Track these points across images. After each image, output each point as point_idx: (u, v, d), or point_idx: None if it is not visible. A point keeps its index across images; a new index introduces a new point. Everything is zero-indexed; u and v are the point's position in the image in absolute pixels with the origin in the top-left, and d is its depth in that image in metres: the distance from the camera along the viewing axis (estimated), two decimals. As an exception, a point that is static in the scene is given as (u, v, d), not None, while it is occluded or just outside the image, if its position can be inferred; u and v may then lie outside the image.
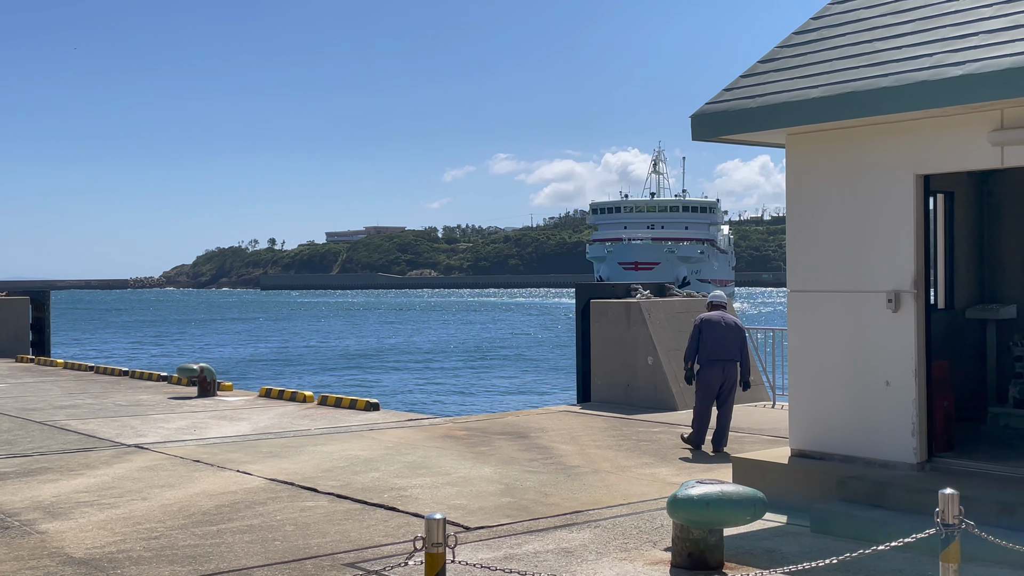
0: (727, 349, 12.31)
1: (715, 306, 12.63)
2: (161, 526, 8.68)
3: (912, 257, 8.63)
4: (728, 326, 12.32)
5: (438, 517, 4.52)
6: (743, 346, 12.40)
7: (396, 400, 30.08)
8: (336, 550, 7.89)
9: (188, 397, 18.32)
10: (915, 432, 8.58)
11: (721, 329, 12.28)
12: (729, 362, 12.31)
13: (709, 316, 12.39)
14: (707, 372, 12.31)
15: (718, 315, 12.40)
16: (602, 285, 20.01)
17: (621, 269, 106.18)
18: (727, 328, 12.31)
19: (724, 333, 12.29)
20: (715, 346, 12.27)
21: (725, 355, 12.30)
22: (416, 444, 12.89)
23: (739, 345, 12.36)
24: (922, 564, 7.18)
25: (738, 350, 12.36)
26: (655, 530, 8.37)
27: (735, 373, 12.38)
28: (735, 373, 12.38)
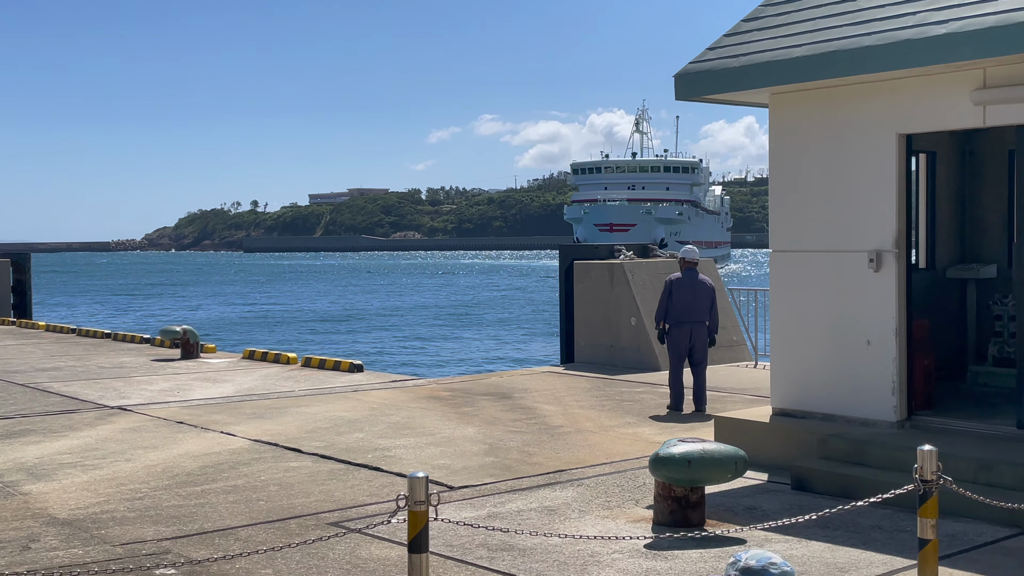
0: (696, 310, 12.26)
1: (687, 262, 12.53)
2: (145, 487, 8.69)
3: (894, 217, 8.65)
4: (698, 286, 12.25)
5: (421, 475, 4.53)
6: (713, 307, 12.37)
7: (380, 362, 30.11)
8: (320, 510, 7.92)
9: (171, 359, 18.28)
10: (895, 390, 8.65)
11: (690, 290, 12.22)
12: (698, 323, 12.29)
13: (679, 276, 12.33)
14: (676, 333, 12.30)
15: (688, 275, 12.30)
16: (585, 246, 20.00)
17: (597, 231, 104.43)
18: (697, 288, 12.23)
19: (693, 294, 12.22)
20: (684, 307, 12.22)
21: (694, 316, 12.26)
22: (400, 405, 12.91)
23: (709, 306, 12.33)
24: (901, 520, 7.27)
25: (707, 311, 12.32)
26: (637, 488, 8.43)
27: (704, 334, 12.35)
28: (704, 334, 12.35)
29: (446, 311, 54.59)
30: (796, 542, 6.90)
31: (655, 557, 6.62)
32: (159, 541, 7.09)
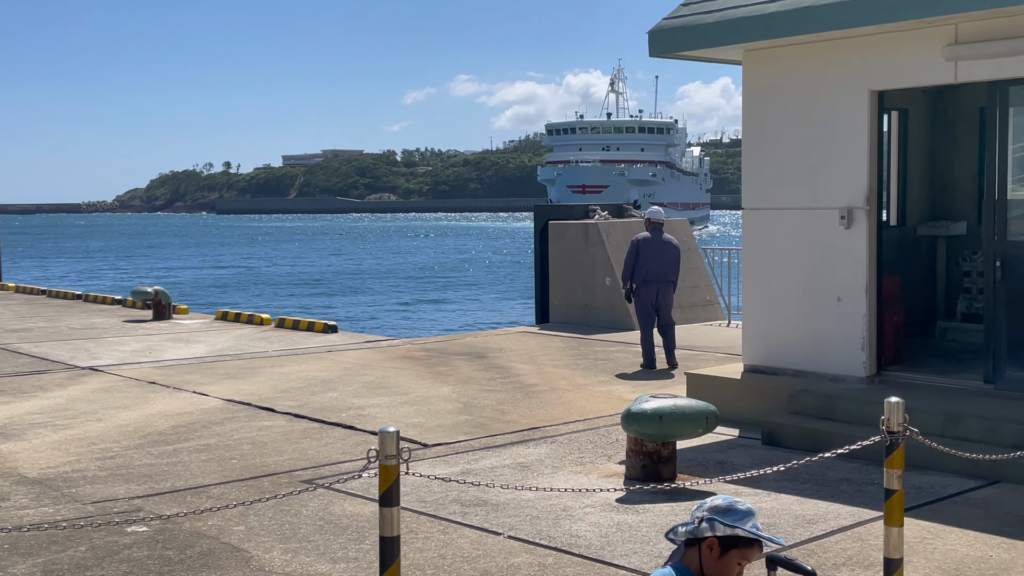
0: (663, 270, 12.29)
1: (653, 223, 12.53)
2: (116, 446, 8.65)
3: (865, 174, 8.68)
4: (665, 246, 12.27)
5: (392, 430, 4.52)
6: (678, 266, 12.38)
7: (355, 323, 30.05)
8: (293, 467, 7.93)
9: (143, 320, 18.16)
10: (865, 347, 8.72)
11: (657, 250, 12.24)
12: (665, 283, 12.33)
13: (646, 236, 12.35)
14: (642, 292, 12.35)
15: (655, 235, 12.33)
16: (560, 207, 19.96)
17: (570, 192, 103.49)
18: (664, 248, 12.26)
19: (661, 253, 12.25)
20: (651, 266, 12.25)
21: (661, 276, 12.30)
22: (374, 365, 12.90)
23: (675, 265, 12.34)
24: (870, 473, 7.36)
25: (674, 270, 12.35)
26: (610, 444, 8.48)
27: (671, 293, 12.40)
28: (671, 293, 12.40)
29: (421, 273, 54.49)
30: (766, 495, 6.97)
31: (626, 511, 6.68)
32: (131, 499, 7.07)
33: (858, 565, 5.60)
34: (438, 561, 5.78)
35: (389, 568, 4.48)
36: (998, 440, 7.29)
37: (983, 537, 6.02)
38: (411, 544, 6.01)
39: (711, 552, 3.02)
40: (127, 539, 6.21)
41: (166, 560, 5.85)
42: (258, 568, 5.71)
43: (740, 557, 3.02)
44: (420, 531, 6.31)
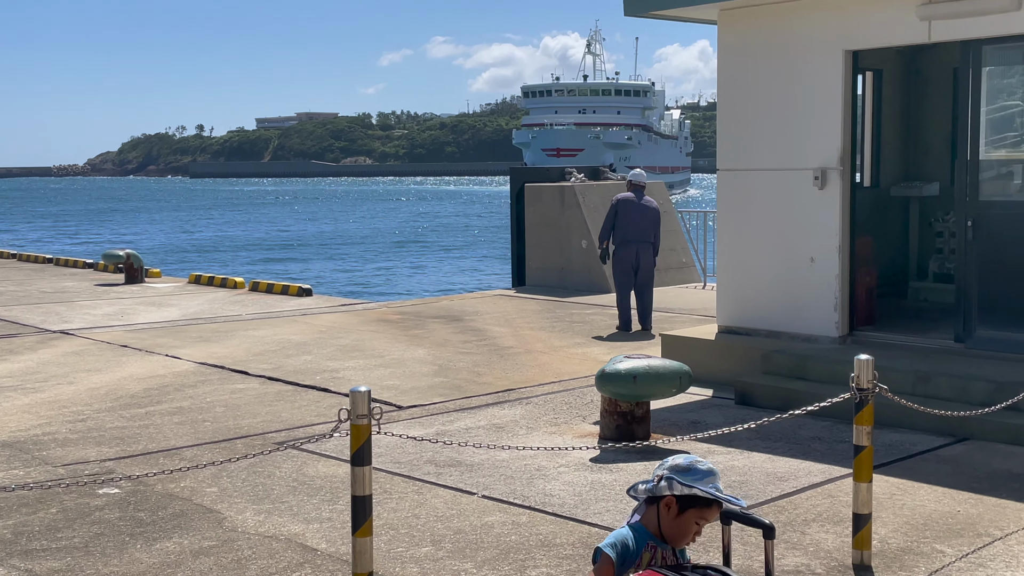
0: (642, 231, 12.30)
1: (634, 185, 12.53)
2: (88, 409, 8.60)
3: (839, 134, 8.68)
4: (644, 207, 12.26)
5: (363, 389, 4.50)
6: (658, 228, 12.40)
7: (330, 286, 29.95)
8: (267, 429, 7.91)
9: (115, 284, 18.02)
10: (838, 307, 8.77)
11: (636, 210, 12.24)
12: (643, 243, 12.34)
13: (625, 197, 12.35)
14: (621, 253, 12.35)
15: (634, 196, 12.33)
16: (536, 169, 19.88)
17: (544, 155, 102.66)
18: (642, 209, 12.25)
19: (639, 214, 12.25)
20: (629, 227, 12.26)
21: (639, 237, 12.31)
22: (349, 328, 12.87)
23: (654, 227, 12.35)
24: (840, 431, 7.42)
25: (652, 232, 12.36)
26: (585, 405, 8.51)
27: (650, 254, 12.41)
28: (650, 254, 12.41)
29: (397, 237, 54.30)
30: (738, 453, 7.02)
31: (600, 470, 6.71)
32: (102, 461, 7.04)
33: (828, 521, 5.65)
34: (412, 521, 5.79)
35: (361, 527, 4.49)
36: (968, 398, 7.36)
37: (951, 493, 6.09)
38: (385, 504, 6.02)
39: (669, 511, 2.99)
40: (98, 501, 6.19)
41: (138, 521, 5.83)
42: (231, 529, 5.70)
43: (698, 516, 2.99)
44: (394, 491, 6.31)
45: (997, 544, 5.28)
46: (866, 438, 4.88)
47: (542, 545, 5.39)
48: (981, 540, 5.34)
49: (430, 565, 5.15)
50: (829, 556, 5.15)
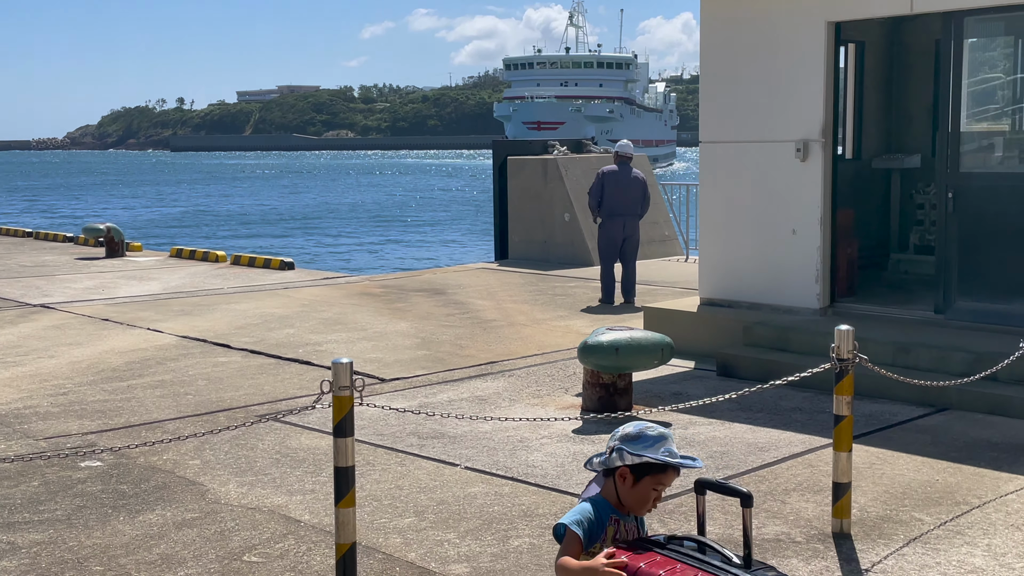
0: (628, 203, 12.28)
1: (620, 156, 12.49)
2: (69, 382, 8.56)
3: (821, 106, 8.68)
4: (630, 180, 12.23)
5: (345, 361, 4.50)
6: (645, 201, 12.38)
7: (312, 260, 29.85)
8: (250, 402, 7.90)
9: (96, 258, 17.91)
10: (819, 278, 8.80)
11: (623, 183, 12.20)
12: (630, 216, 12.33)
13: (611, 169, 12.33)
14: (608, 225, 12.34)
15: (622, 168, 12.30)
16: (519, 142, 19.83)
17: (525, 129, 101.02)
18: (629, 182, 12.22)
19: (626, 187, 12.21)
20: (616, 200, 12.24)
21: (627, 209, 12.30)
22: (332, 301, 12.84)
23: (641, 200, 12.33)
24: (821, 402, 7.47)
25: (639, 204, 12.33)
26: (567, 377, 8.53)
27: (636, 227, 12.41)
28: (636, 227, 12.41)
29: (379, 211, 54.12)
30: (720, 424, 7.07)
31: (582, 441, 6.74)
32: (84, 435, 7.02)
33: (808, 490, 5.70)
34: (395, 492, 5.81)
35: (344, 498, 4.49)
36: (947, 369, 7.42)
37: (930, 462, 6.15)
38: (368, 476, 6.03)
39: (624, 482, 2.95)
40: (81, 474, 6.18)
41: (120, 494, 5.83)
42: (214, 501, 5.71)
43: (654, 483, 2.94)
44: (377, 463, 6.33)
45: (975, 512, 5.35)
46: (846, 408, 4.91)
47: (524, 515, 5.42)
48: (959, 508, 5.40)
49: (413, 535, 5.17)
50: (809, 524, 5.20)
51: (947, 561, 4.74)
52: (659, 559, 2.71)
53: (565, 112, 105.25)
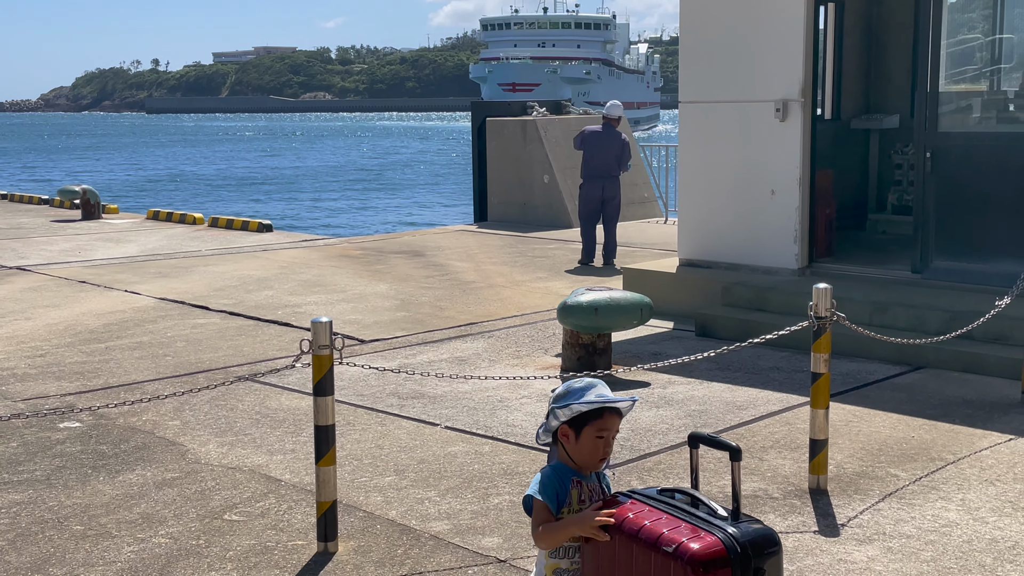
0: (606, 165, 12.24)
1: (605, 118, 12.43)
2: (47, 344, 8.51)
3: (801, 66, 8.66)
4: (608, 141, 12.18)
5: (324, 320, 4.49)
6: (620, 162, 12.29)
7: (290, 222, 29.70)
8: (229, 364, 7.88)
9: (72, 220, 17.75)
10: (797, 239, 8.84)
11: (599, 144, 12.15)
12: (609, 179, 12.30)
13: (592, 130, 12.29)
14: (587, 187, 12.33)
15: (604, 130, 12.25)
16: (498, 103, 19.71)
17: (501, 90, 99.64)
18: (607, 143, 12.16)
19: (603, 149, 12.16)
20: (594, 162, 12.21)
21: (605, 171, 12.26)
22: (310, 263, 12.80)
23: (619, 161, 12.25)
24: (799, 362, 7.53)
25: (617, 165, 12.27)
26: (547, 338, 8.55)
27: (616, 188, 12.37)
28: (616, 188, 12.37)
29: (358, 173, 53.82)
30: (698, 383, 7.11)
31: (562, 401, 6.76)
32: (63, 396, 6.99)
33: (785, 447, 5.76)
34: (375, 451, 5.82)
35: (325, 456, 4.51)
36: (923, 328, 7.49)
37: (906, 419, 6.21)
38: (348, 436, 6.04)
39: (569, 440, 2.88)
40: (60, 435, 6.16)
41: (100, 454, 5.81)
42: (194, 461, 5.71)
43: (595, 431, 2.85)
44: (357, 423, 6.34)
45: (949, 468, 5.41)
46: (823, 365, 4.95)
47: (504, 473, 5.45)
48: (934, 464, 5.47)
49: (394, 494, 5.19)
50: (786, 481, 5.26)
51: (922, 515, 4.81)
52: (647, 509, 2.71)
53: (541, 73, 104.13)
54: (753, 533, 2.62)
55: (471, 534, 4.69)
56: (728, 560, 2.55)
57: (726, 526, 2.61)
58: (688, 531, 2.61)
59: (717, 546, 2.56)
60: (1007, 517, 4.78)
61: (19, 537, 4.71)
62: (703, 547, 2.55)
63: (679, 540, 2.58)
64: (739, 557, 2.55)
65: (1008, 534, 4.60)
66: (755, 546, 2.59)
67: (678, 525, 2.64)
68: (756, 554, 2.58)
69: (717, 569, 2.54)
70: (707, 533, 2.59)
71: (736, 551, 2.55)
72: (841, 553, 4.43)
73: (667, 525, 2.64)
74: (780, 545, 2.66)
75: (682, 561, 2.55)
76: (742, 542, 2.57)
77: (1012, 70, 8.93)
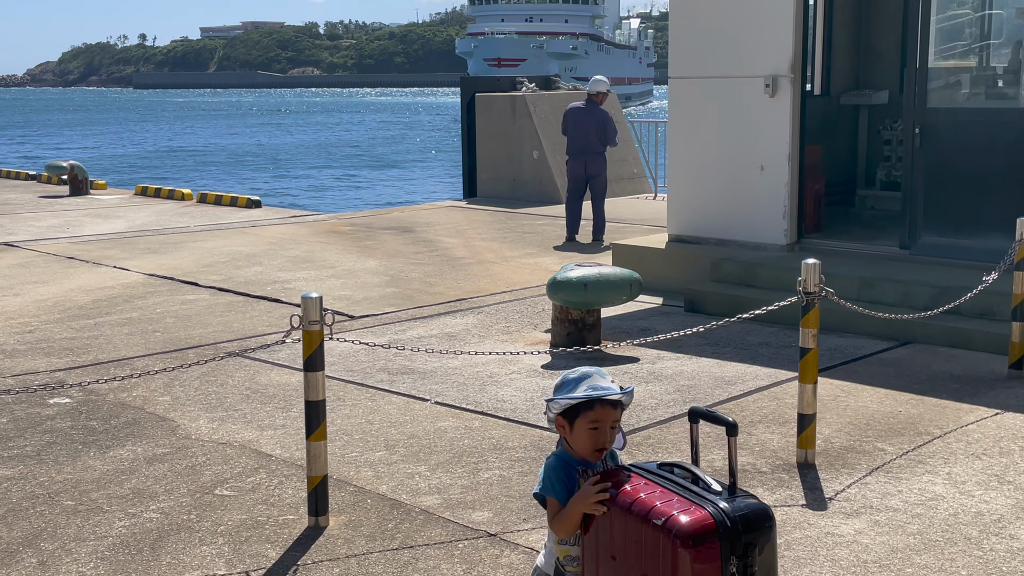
0: (589, 141, 12.16)
1: (588, 94, 12.31)
2: (36, 320, 8.49)
3: (791, 41, 8.65)
4: (590, 116, 12.07)
5: (314, 296, 4.49)
6: (607, 138, 12.18)
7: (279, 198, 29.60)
8: (219, 339, 7.88)
9: (59, 196, 17.67)
10: (786, 215, 8.85)
11: (580, 120, 12.07)
12: (591, 155, 12.22)
13: (575, 106, 12.22)
14: (572, 164, 12.29)
15: (586, 106, 12.17)
16: (488, 79, 19.63)
17: (486, 66, 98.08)
18: (589, 119, 12.06)
19: (584, 125, 12.08)
20: (576, 138, 12.15)
21: (586, 148, 12.18)
22: (300, 239, 12.77)
23: (601, 136, 12.13)
24: (787, 336, 7.56)
25: (600, 141, 12.15)
26: (536, 314, 8.57)
27: (599, 165, 12.28)
28: (599, 165, 12.28)
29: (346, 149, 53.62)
30: (687, 359, 7.14)
31: (551, 376, 6.79)
32: (52, 372, 6.99)
33: (773, 422, 5.80)
34: (365, 427, 5.84)
35: (315, 431, 4.52)
36: (911, 303, 7.53)
37: (893, 394, 6.26)
38: (338, 411, 6.06)
39: (565, 431, 2.85)
40: (50, 410, 6.16)
41: (90, 430, 5.82)
42: (184, 436, 5.72)
43: (588, 423, 2.80)
44: (347, 399, 6.35)
45: (936, 442, 5.46)
46: (812, 340, 4.98)
47: (494, 448, 5.48)
48: (921, 438, 5.51)
49: (384, 468, 5.21)
50: (774, 455, 5.29)
51: (909, 489, 4.85)
52: (643, 483, 2.69)
53: (526, 48, 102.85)
54: (745, 508, 2.58)
55: (461, 508, 4.72)
56: (717, 533, 2.52)
57: (718, 500, 2.58)
58: (679, 504, 2.59)
59: (707, 520, 2.53)
60: (993, 490, 4.83)
61: (10, 512, 4.72)
62: (691, 520, 2.53)
63: (669, 513, 2.56)
64: (728, 531, 2.52)
65: (994, 507, 4.65)
66: (747, 521, 2.56)
67: (671, 499, 2.62)
68: (747, 529, 2.55)
69: (705, 543, 2.51)
70: (698, 507, 2.56)
71: (726, 525, 2.53)
72: (828, 526, 4.48)
73: (660, 498, 2.62)
74: (774, 520, 2.62)
75: (670, 534, 2.52)
76: (732, 516, 2.54)
77: (1001, 46, 8.93)
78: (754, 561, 2.56)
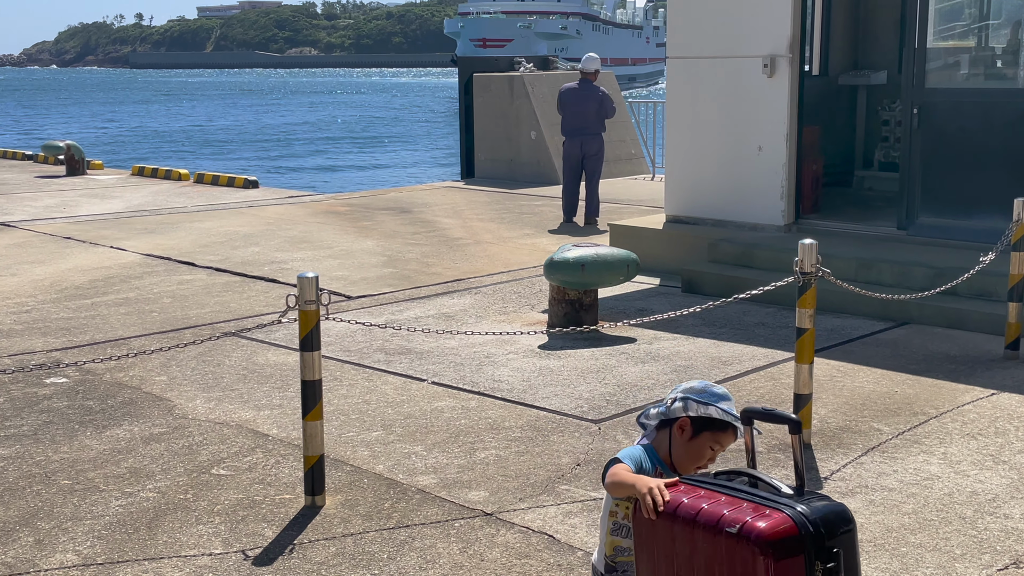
0: (584, 121, 12.06)
1: (582, 72, 12.18)
2: (32, 300, 8.49)
3: (789, 22, 8.62)
4: (584, 97, 11.97)
5: (311, 275, 4.49)
6: (602, 117, 12.05)
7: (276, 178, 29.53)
8: (215, 320, 7.87)
9: (56, 176, 17.62)
10: (784, 195, 8.84)
11: (574, 101, 11.98)
12: (589, 135, 12.14)
13: (569, 87, 12.13)
14: (567, 145, 12.22)
15: (580, 86, 12.09)
16: (485, 59, 19.55)
17: (473, 46, 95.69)
18: (583, 99, 11.96)
19: (578, 105, 11.98)
20: (570, 119, 12.07)
21: (582, 129, 12.08)
22: (297, 220, 12.75)
23: (597, 116, 12.02)
24: (784, 317, 7.57)
25: (596, 121, 12.05)
26: (534, 295, 8.57)
27: (595, 145, 12.19)
28: (595, 145, 12.19)
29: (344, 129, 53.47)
30: (684, 339, 7.14)
31: (548, 356, 6.79)
32: (49, 352, 6.98)
33: (770, 402, 5.80)
34: (362, 407, 5.85)
35: (311, 411, 4.52)
36: (908, 284, 7.52)
37: (890, 375, 6.27)
38: (335, 391, 6.06)
39: (683, 433, 2.76)
40: (46, 390, 6.16)
41: (87, 410, 5.82)
42: (181, 416, 5.72)
43: (712, 440, 2.74)
44: (344, 379, 6.35)
45: (932, 422, 5.47)
46: (808, 320, 4.98)
47: (491, 428, 5.48)
48: (917, 418, 5.52)
49: (381, 448, 5.22)
50: (770, 435, 5.30)
51: (904, 468, 4.87)
52: (703, 492, 2.46)
53: (513, 28, 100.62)
54: (824, 510, 2.32)
55: (457, 488, 4.73)
56: (801, 539, 2.25)
57: (793, 503, 2.32)
58: (751, 510, 2.32)
59: (786, 523, 2.26)
60: (988, 470, 4.84)
61: (7, 491, 4.73)
62: (771, 525, 2.25)
63: (743, 519, 2.29)
64: (812, 536, 2.26)
65: (988, 487, 4.66)
66: (828, 524, 2.29)
67: (739, 505, 2.36)
68: (830, 533, 2.28)
69: (789, 551, 2.23)
70: (773, 510, 2.30)
71: (808, 529, 2.26)
72: (823, 505, 4.48)
73: (727, 506, 2.36)
74: (854, 523, 2.35)
75: (749, 541, 2.24)
76: (813, 519, 2.28)
77: (1000, 26, 8.89)
78: (840, 567, 2.31)
